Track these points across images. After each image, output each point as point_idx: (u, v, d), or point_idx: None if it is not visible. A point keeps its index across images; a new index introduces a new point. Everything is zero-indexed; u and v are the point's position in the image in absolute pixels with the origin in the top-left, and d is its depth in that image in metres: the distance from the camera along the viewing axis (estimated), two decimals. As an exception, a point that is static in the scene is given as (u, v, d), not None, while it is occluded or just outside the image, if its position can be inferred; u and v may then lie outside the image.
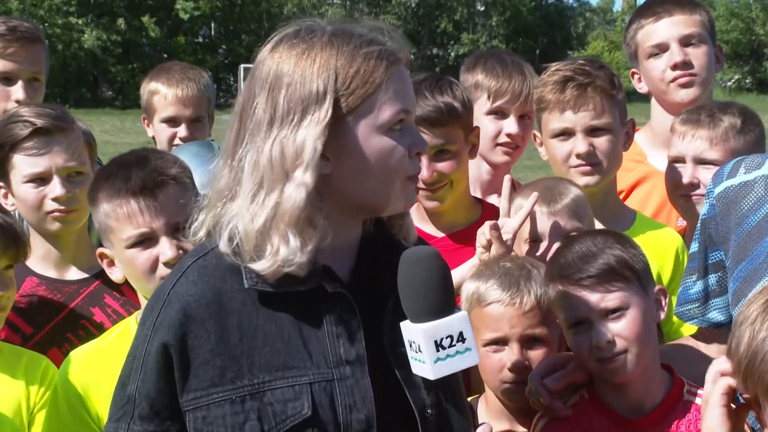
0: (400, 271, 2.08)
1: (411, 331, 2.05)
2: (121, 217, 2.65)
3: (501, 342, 2.71)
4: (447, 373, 2.05)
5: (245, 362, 2.04)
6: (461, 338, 2.04)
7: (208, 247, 2.12)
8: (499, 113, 3.68)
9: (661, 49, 3.65)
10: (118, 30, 42.61)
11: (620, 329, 2.51)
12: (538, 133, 3.36)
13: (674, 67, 3.60)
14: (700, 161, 3.16)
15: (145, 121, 4.37)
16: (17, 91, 3.79)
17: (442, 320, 2.03)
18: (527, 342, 2.71)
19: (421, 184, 3.16)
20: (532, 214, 2.97)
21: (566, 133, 3.18)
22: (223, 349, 2.04)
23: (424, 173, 3.13)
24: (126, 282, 2.84)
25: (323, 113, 2.03)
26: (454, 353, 2.04)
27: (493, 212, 3.42)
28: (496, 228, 2.85)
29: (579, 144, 3.15)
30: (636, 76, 3.85)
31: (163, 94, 4.21)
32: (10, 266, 2.85)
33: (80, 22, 42.35)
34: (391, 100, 2.08)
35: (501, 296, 2.70)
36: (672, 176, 3.25)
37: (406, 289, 2.07)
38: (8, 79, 3.80)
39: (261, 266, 2.02)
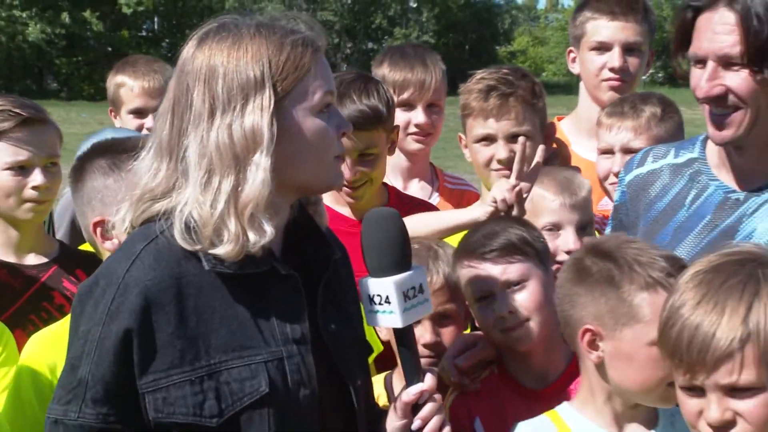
0: (365, 230, 2.18)
1: (378, 285, 2.16)
2: None
3: None
4: (412, 320, 2.19)
5: (202, 344, 2.03)
6: (421, 290, 2.18)
7: (155, 231, 2.08)
8: (407, 105, 3.70)
9: (605, 47, 3.68)
10: (63, 23, 41.67)
11: (522, 300, 2.58)
12: (463, 136, 3.39)
13: (611, 70, 3.65)
14: (627, 150, 3.21)
15: (112, 113, 4.34)
16: None
17: (408, 273, 2.16)
18: (438, 319, 2.74)
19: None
20: (551, 204, 3.02)
21: (488, 139, 3.21)
22: (182, 332, 2.02)
23: (347, 174, 3.13)
24: (90, 262, 2.81)
25: (267, 99, 2.04)
26: (417, 303, 2.18)
27: (395, 194, 3.53)
28: (519, 194, 2.84)
29: (500, 150, 3.20)
30: (572, 55, 3.87)
31: (129, 86, 4.20)
32: None
33: (24, 15, 41.36)
34: (320, 83, 2.11)
35: None
36: (603, 166, 3.31)
37: (374, 246, 2.17)
38: None
39: (224, 250, 2.02)
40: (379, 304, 2.18)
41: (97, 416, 2.02)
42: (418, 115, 3.71)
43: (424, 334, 2.71)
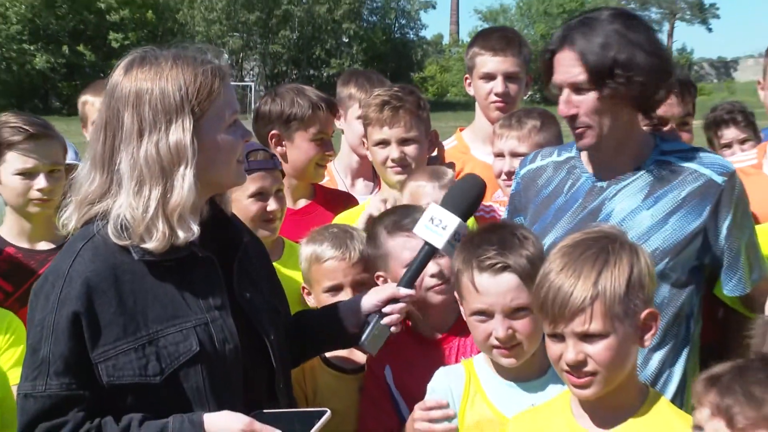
0: (465, 179, 2.44)
1: (446, 215, 2.32)
2: None
3: (337, 288, 2.73)
4: (447, 252, 2.34)
5: (141, 319, 1.99)
6: (458, 240, 2.32)
7: (93, 231, 2.03)
8: None
9: (490, 77, 3.65)
10: (63, 55, 40.91)
11: (444, 265, 2.53)
12: (365, 141, 3.34)
13: (496, 94, 3.64)
14: (514, 154, 3.21)
15: (84, 129, 4.18)
16: None
17: (465, 224, 2.34)
18: (356, 286, 2.73)
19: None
20: (427, 188, 3.02)
21: (384, 143, 3.19)
22: (122, 310, 1.98)
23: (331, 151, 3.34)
24: None
25: (188, 121, 1.98)
26: (452, 246, 2.32)
27: (322, 192, 3.52)
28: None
29: (393, 151, 3.17)
30: (468, 81, 3.83)
31: (91, 102, 4.05)
32: None
33: (32, 48, 40.63)
34: (227, 105, 2.07)
35: (335, 254, 2.73)
36: (497, 167, 3.31)
37: (462, 193, 2.37)
38: None
39: (152, 245, 1.98)
40: (435, 225, 2.30)
41: (61, 386, 1.97)
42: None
43: (345, 297, 2.69)
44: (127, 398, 2.01)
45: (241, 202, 2.91)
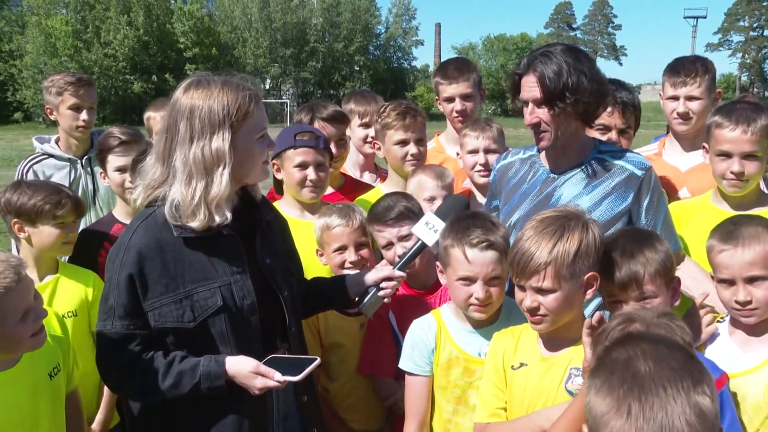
0: (453, 198, 2.34)
1: (438, 222, 2.24)
2: None
3: (343, 248, 2.66)
4: (434, 248, 2.28)
5: (179, 279, 1.94)
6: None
7: (148, 213, 1.98)
8: (366, 125, 3.58)
9: (450, 101, 3.51)
10: (153, 82, 40.97)
11: (409, 245, 2.45)
12: (379, 143, 3.23)
13: (456, 112, 3.50)
14: (487, 150, 3.13)
15: (150, 137, 4.05)
16: (83, 115, 3.54)
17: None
18: (358, 246, 2.67)
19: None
20: (431, 185, 2.93)
21: (404, 142, 3.10)
22: (165, 273, 1.93)
23: (335, 151, 3.09)
24: None
25: (227, 133, 1.91)
26: (438, 245, 2.24)
27: (349, 181, 3.37)
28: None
29: (412, 148, 3.09)
30: (438, 102, 3.66)
31: (153, 117, 3.96)
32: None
33: (131, 78, 40.85)
34: (258, 122, 1.98)
35: (341, 222, 2.65)
36: (471, 160, 3.18)
37: (451, 206, 2.29)
38: (78, 108, 3.54)
39: (195, 224, 1.93)
40: (429, 228, 2.22)
41: (122, 326, 1.95)
42: (372, 132, 3.60)
43: (350, 256, 2.64)
44: (170, 338, 1.97)
45: (288, 171, 2.82)
